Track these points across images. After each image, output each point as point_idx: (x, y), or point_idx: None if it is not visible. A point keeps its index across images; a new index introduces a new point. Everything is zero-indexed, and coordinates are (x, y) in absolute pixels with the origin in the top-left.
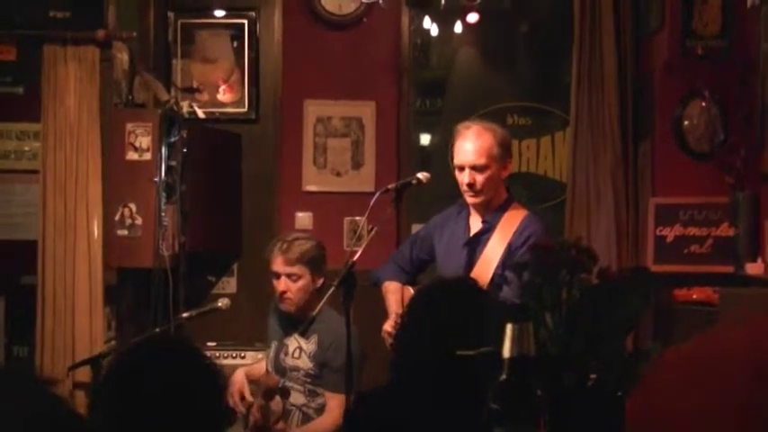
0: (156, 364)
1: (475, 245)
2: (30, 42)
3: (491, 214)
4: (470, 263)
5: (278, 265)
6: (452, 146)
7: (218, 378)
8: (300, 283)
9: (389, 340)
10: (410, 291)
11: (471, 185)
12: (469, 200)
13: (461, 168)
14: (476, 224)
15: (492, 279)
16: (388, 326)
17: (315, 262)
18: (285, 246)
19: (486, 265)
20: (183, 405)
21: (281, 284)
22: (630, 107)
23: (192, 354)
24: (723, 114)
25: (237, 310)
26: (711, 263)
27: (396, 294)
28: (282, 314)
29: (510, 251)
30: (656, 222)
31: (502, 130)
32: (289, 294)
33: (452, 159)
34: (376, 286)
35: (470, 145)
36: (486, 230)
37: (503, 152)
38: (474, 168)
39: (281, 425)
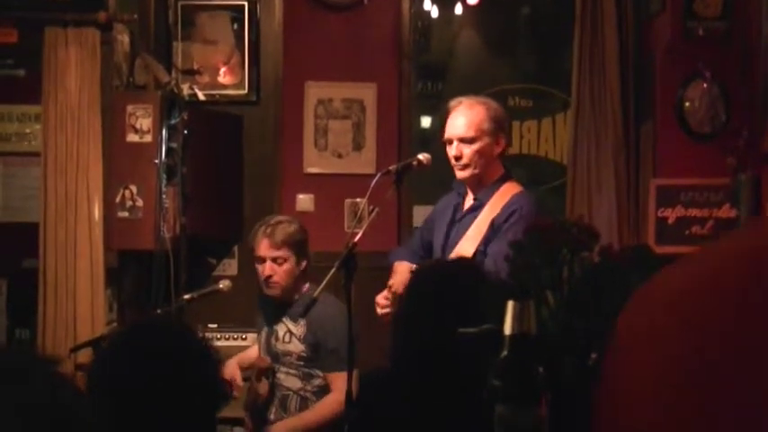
0: (149, 346)
1: (465, 222)
2: (31, 25)
3: (483, 191)
4: (457, 240)
5: (263, 249)
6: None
7: (213, 357)
8: (286, 266)
9: (380, 309)
10: None
11: (458, 158)
12: (458, 174)
13: (450, 141)
14: (469, 202)
15: (474, 255)
16: (382, 297)
17: (299, 245)
18: (269, 229)
19: (469, 242)
20: (177, 385)
21: (267, 269)
22: (632, 89)
23: (184, 333)
24: (725, 96)
25: (239, 292)
26: None
27: (401, 275)
28: (269, 301)
29: (492, 227)
30: (657, 204)
31: (496, 104)
32: (275, 278)
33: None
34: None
35: (461, 118)
36: (477, 207)
37: (495, 127)
38: (462, 141)
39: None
